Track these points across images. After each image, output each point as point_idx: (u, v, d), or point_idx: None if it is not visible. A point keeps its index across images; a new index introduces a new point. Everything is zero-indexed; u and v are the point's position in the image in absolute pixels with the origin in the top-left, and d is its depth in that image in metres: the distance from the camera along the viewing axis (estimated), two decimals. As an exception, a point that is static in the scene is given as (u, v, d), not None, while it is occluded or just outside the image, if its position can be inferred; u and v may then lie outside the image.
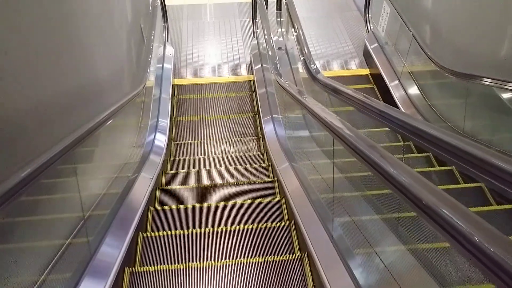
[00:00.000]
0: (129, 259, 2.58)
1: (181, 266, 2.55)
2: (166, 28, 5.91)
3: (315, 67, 3.98)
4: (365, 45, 5.96)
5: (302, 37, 4.40)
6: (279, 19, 5.98)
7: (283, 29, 5.92)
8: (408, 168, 1.32)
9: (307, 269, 2.49)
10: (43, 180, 1.52)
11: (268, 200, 3.29)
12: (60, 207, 2.04)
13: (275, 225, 2.93)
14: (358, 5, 7.12)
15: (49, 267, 1.69)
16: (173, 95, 5.18)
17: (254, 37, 6.11)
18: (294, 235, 2.84)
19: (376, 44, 5.70)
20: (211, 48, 6.37)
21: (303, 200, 2.90)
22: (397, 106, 4.92)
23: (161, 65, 5.25)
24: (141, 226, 2.97)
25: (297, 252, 2.72)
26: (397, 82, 5.15)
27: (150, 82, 4.53)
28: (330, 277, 2.12)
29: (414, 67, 4.88)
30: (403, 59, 5.03)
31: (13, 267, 1.49)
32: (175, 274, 2.50)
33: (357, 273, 2.00)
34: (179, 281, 2.47)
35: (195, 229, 2.91)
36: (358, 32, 6.55)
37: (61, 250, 1.81)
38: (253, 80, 5.55)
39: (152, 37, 4.41)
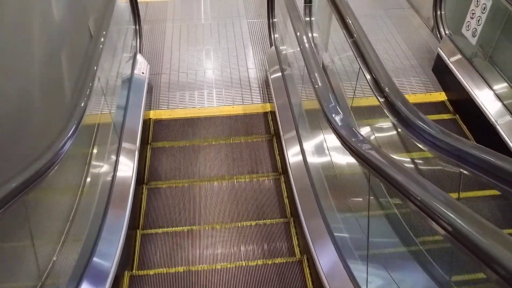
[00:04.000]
0: None
1: None
2: (137, 32, 3.90)
3: (405, 109, 1.98)
4: (438, 57, 3.98)
5: (369, 52, 2.38)
6: (308, 19, 3.99)
7: (315, 34, 3.94)
8: None
9: None
10: None
11: None
12: None
13: None
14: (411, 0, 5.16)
15: None
16: (143, 180, 3.06)
17: (271, 45, 4.11)
18: None
19: (459, 56, 3.71)
20: (207, 63, 4.37)
21: None
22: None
23: (126, 91, 3.26)
24: None
25: None
26: (509, 118, 3.18)
27: (106, 118, 2.56)
28: None
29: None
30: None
31: None
32: None
33: None
34: None
35: None
36: (418, 37, 4.58)
37: None
38: (274, 112, 3.56)
39: (100, 47, 2.41)
